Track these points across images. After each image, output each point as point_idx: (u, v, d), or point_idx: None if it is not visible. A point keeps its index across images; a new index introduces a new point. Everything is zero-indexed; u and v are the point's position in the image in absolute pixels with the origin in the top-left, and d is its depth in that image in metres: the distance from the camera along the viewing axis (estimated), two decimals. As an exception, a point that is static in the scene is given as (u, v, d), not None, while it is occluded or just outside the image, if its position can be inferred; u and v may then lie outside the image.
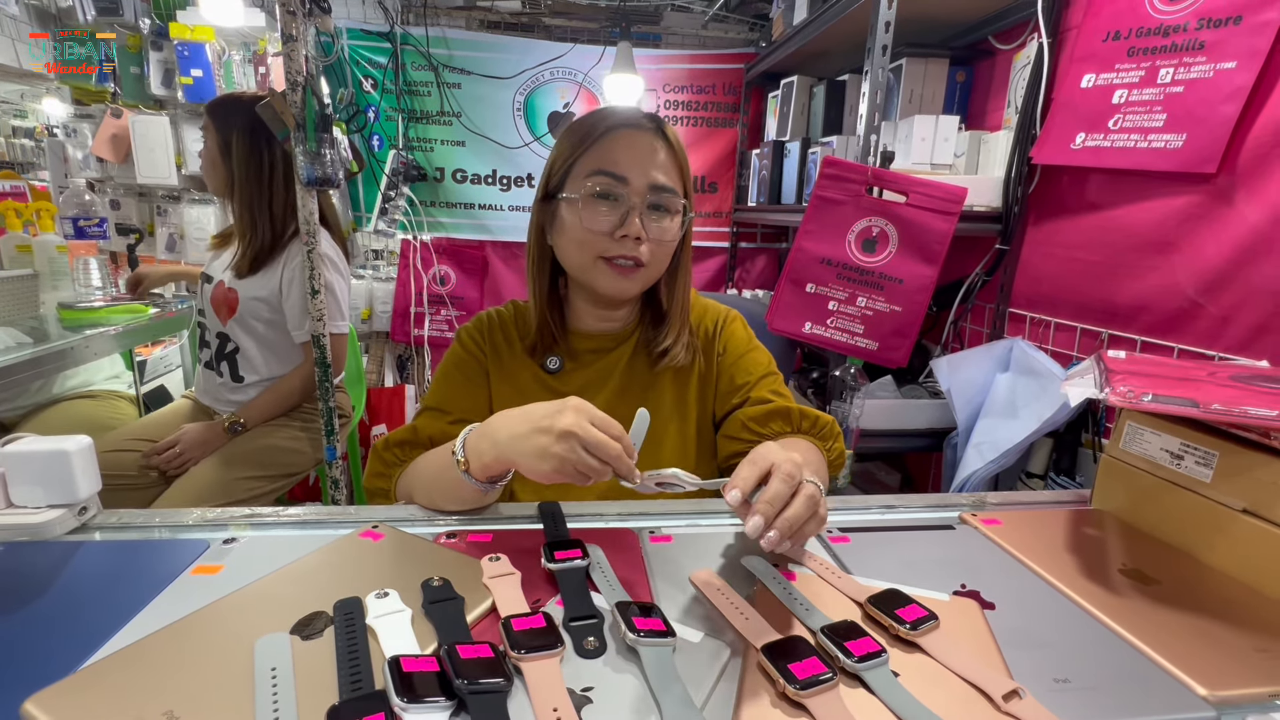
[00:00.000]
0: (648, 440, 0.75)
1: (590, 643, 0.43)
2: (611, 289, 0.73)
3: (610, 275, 0.71)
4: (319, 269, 1.35)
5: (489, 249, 2.33)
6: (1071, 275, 1.23)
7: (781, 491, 0.48)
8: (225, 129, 1.33)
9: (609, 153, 0.70)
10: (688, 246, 0.79)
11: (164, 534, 0.59)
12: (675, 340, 0.78)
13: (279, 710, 0.36)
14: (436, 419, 0.74)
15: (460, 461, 0.59)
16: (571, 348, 0.80)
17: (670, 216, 0.72)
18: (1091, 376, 0.69)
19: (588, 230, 0.70)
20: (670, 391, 0.79)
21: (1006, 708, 0.39)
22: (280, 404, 1.43)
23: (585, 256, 0.71)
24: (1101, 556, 0.61)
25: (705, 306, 0.85)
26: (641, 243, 0.70)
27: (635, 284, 0.73)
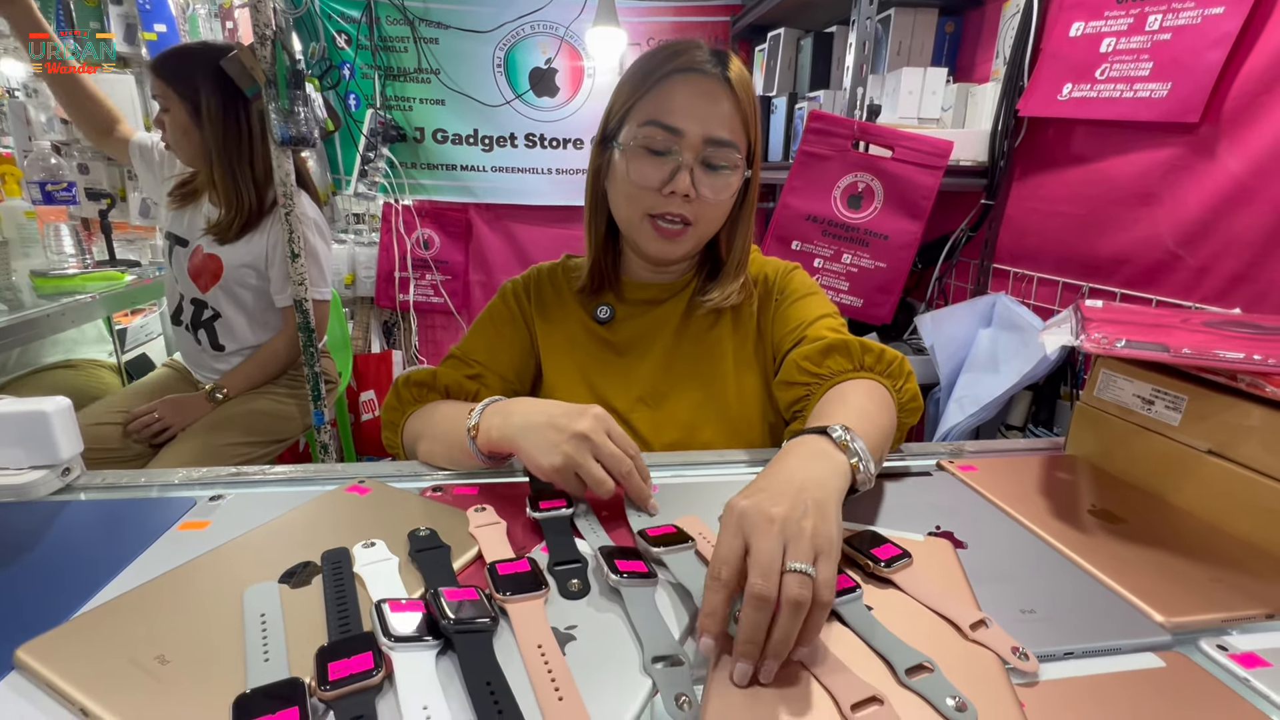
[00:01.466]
0: (712, 400, 0.74)
1: (574, 585, 0.45)
2: (656, 251, 0.70)
3: (654, 238, 0.68)
4: (299, 231, 1.33)
5: (472, 212, 2.29)
6: (1054, 229, 1.24)
7: (756, 621, 0.36)
8: (189, 90, 1.25)
9: (666, 100, 0.65)
10: (751, 200, 0.73)
11: (150, 493, 0.59)
12: (728, 287, 0.74)
13: (269, 653, 0.37)
14: (456, 368, 0.74)
15: (471, 428, 0.59)
16: (624, 297, 0.77)
17: (727, 173, 0.67)
18: (1068, 325, 0.70)
19: (634, 185, 0.67)
20: (730, 343, 0.76)
21: (973, 636, 0.41)
22: (264, 370, 1.41)
23: (633, 212, 0.69)
24: (1072, 499, 0.63)
25: (767, 261, 0.81)
26: (691, 201, 0.66)
27: (682, 246, 0.70)
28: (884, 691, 0.36)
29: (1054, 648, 0.42)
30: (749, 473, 0.66)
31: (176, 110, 1.27)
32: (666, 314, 0.76)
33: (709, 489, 0.61)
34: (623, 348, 0.76)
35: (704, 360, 0.75)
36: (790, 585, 0.36)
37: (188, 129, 1.28)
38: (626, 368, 0.75)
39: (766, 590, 0.35)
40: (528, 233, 2.33)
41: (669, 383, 0.75)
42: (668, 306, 0.77)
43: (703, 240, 0.72)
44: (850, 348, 0.66)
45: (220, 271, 1.33)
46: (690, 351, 0.75)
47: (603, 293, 0.78)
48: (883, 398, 0.62)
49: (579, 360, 0.76)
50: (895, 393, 0.64)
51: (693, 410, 0.74)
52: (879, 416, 0.58)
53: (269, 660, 0.37)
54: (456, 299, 2.32)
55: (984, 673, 0.38)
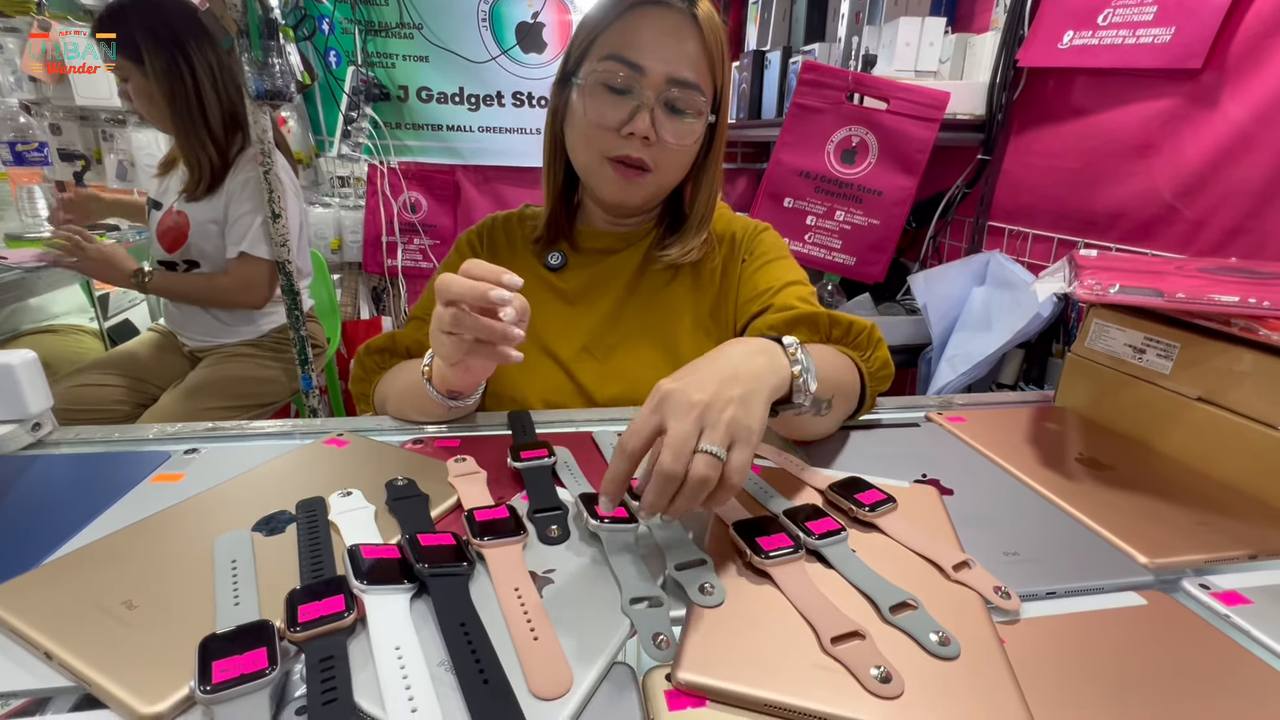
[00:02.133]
0: (661, 357, 0.71)
1: (553, 531, 0.44)
2: (612, 195, 0.67)
3: (612, 180, 0.65)
4: (278, 191, 1.29)
5: (460, 174, 2.24)
6: (1051, 184, 1.21)
7: (660, 492, 0.37)
8: (134, 52, 1.18)
9: (628, 35, 0.62)
10: (717, 150, 0.69)
11: (124, 448, 0.58)
12: (689, 243, 0.71)
13: (239, 598, 0.36)
14: (417, 328, 0.72)
15: (425, 369, 0.58)
16: (578, 245, 0.75)
17: (690, 119, 0.64)
18: (1061, 274, 0.69)
19: (592, 124, 0.63)
20: (688, 301, 0.73)
21: (956, 576, 0.41)
22: (201, 294, 1.32)
23: (590, 154, 0.65)
24: (1060, 447, 0.62)
25: (736, 218, 0.78)
26: (651, 144, 0.63)
27: (640, 191, 0.66)
28: (866, 627, 0.35)
29: (1036, 588, 0.41)
30: None
31: (134, 77, 1.21)
32: (620, 264, 0.73)
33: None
34: (572, 296, 0.73)
35: (655, 315, 0.72)
36: (698, 464, 0.36)
37: (152, 95, 1.22)
38: (574, 317, 0.72)
39: (674, 469, 0.36)
40: (517, 195, 2.28)
41: (617, 335, 0.72)
42: (622, 257, 0.74)
43: (663, 189, 0.69)
44: (818, 321, 0.63)
45: (186, 230, 1.30)
46: (641, 305, 0.73)
47: (557, 242, 0.75)
48: (846, 362, 0.59)
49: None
50: (864, 362, 0.61)
51: (640, 365, 0.71)
52: (835, 367, 0.55)
53: (239, 605, 0.36)
54: (446, 264, 2.28)
55: (966, 611, 0.38)
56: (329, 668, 0.32)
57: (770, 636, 0.35)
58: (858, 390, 0.60)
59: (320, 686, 0.31)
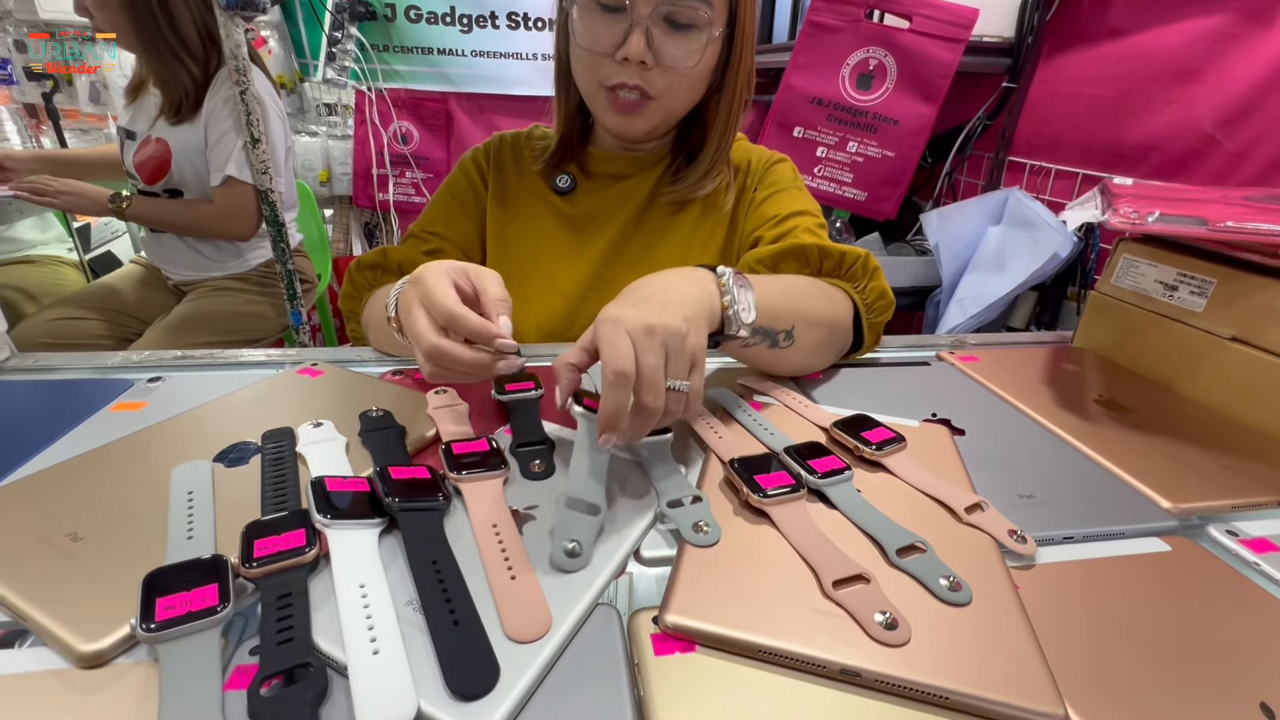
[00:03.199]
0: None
1: (537, 466, 0.41)
2: (614, 127, 0.61)
3: (611, 111, 0.59)
4: (257, 113, 1.21)
5: (452, 102, 2.12)
6: (1080, 114, 1.13)
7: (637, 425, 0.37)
8: None
9: None
10: (736, 71, 0.61)
11: (88, 375, 0.55)
12: (704, 177, 0.65)
13: (194, 532, 0.34)
14: (413, 245, 0.67)
15: (391, 317, 0.50)
16: (588, 169, 0.69)
17: (694, 33, 0.56)
18: (1093, 203, 0.63)
19: (586, 50, 0.57)
20: (695, 236, 0.68)
21: (968, 519, 0.38)
22: (183, 222, 1.25)
23: (589, 81, 0.60)
24: (1078, 388, 0.59)
25: (750, 149, 0.72)
26: (650, 68, 0.56)
27: (643, 122, 0.60)
28: (871, 570, 0.33)
29: (1053, 532, 0.39)
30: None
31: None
32: (629, 191, 0.68)
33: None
34: (579, 222, 0.69)
35: (661, 250, 0.68)
36: (671, 402, 0.38)
37: (108, 1, 1.12)
38: (580, 245, 0.68)
39: (655, 405, 0.36)
40: (513, 126, 2.16)
41: (620, 267, 0.68)
42: (632, 184, 0.69)
43: (672, 117, 0.62)
44: (807, 253, 0.59)
45: (168, 159, 1.22)
46: (646, 237, 0.68)
47: (566, 164, 0.70)
48: (825, 292, 0.55)
49: (531, 233, 0.69)
50: (859, 293, 0.58)
51: None
52: (801, 295, 0.52)
53: (193, 539, 0.33)
54: (439, 199, 2.20)
55: (978, 555, 0.35)
56: (286, 605, 0.29)
57: (767, 579, 0.33)
58: (846, 323, 0.56)
59: (275, 625, 0.28)
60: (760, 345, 0.49)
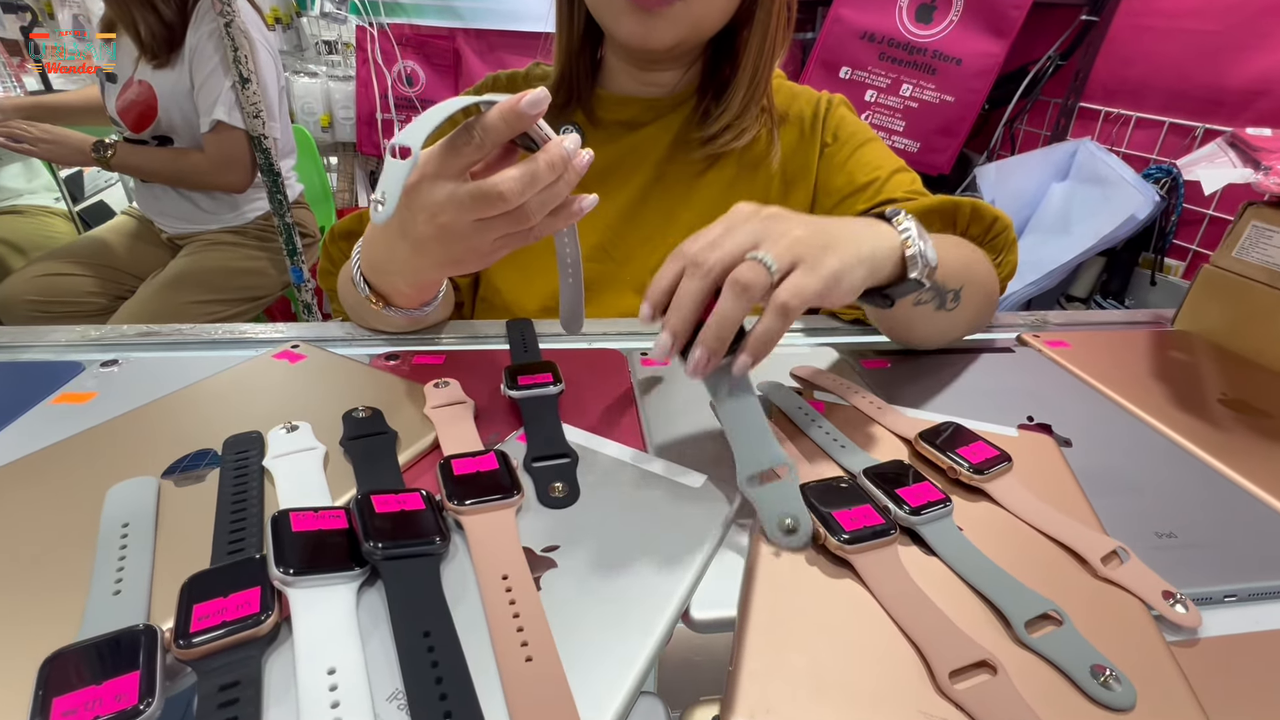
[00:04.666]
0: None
1: (558, 489, 0.33)
2: (631, 34, 0.51)
3: (629, 14, 0.50)
4: (245, 49, 1.10)
5: (460, 39, 1.97)
6: (1172, 53, 0.99)
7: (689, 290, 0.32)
8: None
9: None
10: None
11: (33, 355, 0.47)
12: (738, 118, 0.56)
13: (123, 582, 0.26)
14: None
15: (355, 277, 0.44)
16: (596, 116, 0.59)
17: None
18: (1226, 160, 0.52)
19: None
20: (730, 196, 0.56)
21: (1105, 572, 0.30)
22: (173, 173, 1.17)
23: None
24: (1195, 384, 0.50)
25: (795, 90, 0.62)
26: None
27: (669, 27, 0.50)
28: (995, 653, 0.25)
29: (1209, 588, 0.31)
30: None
31: None
32: (648, 140, 0.58)
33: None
34: (587, 181, 0.58)
35: (688, 212, 0.58)
36: (742, 268, 0.31)
37: None
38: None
39: (704, 257, 0.32)
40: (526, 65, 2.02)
41: (639, 235, 0.58)
42: (650, 132, 0.58)
43: (699, 28, 0.52)
44: (959, 210, 0.52)
45: (153, 104, 1.12)
46: (668, 198, 0.58)
47: (570, 109, 0.59)
48: (981, 256, 0.51)
49: None
50: (996, 266, 0.53)
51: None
52: (967, 256, 0.48)
53: (120, 594, 0.26)
54: (448, 147, 2.08)
55: (1128, 628, 0.27)
56: (230, 699, 0.22)
57: (858, 663, 0.25)
58: (995, 295, 0.52)
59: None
60: (929, 305, 0.45)
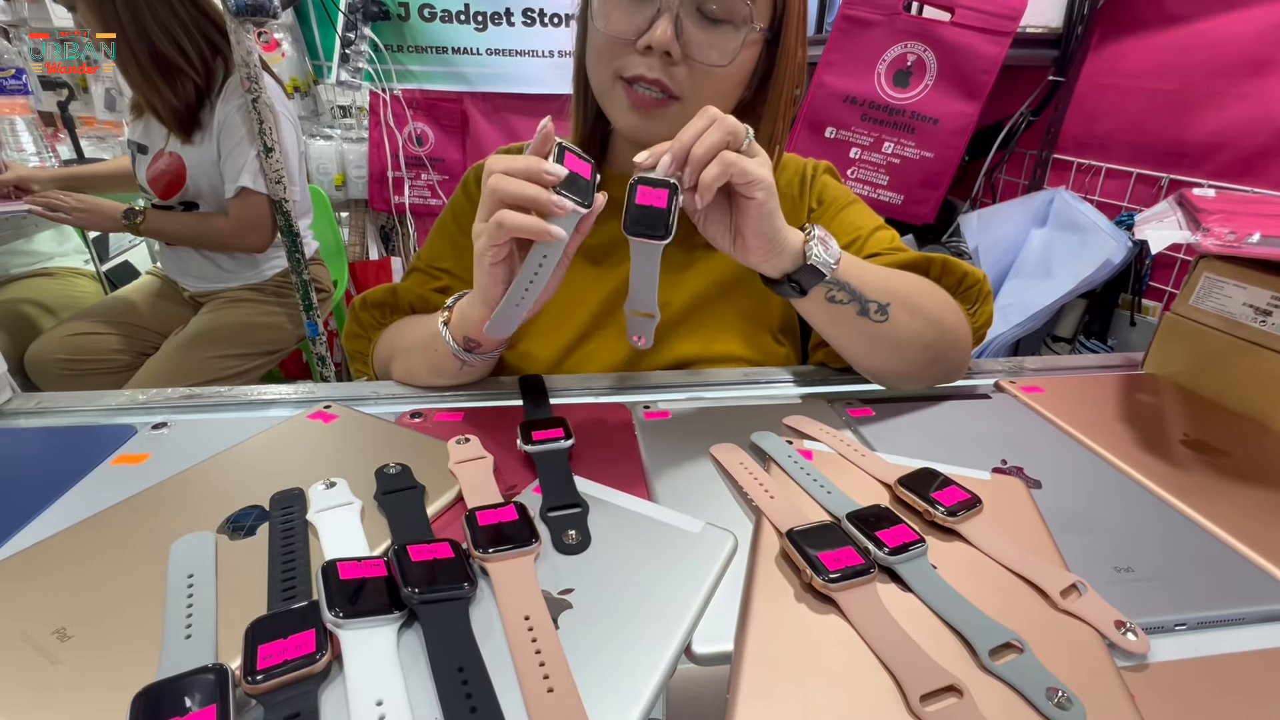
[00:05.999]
0: (703, 316, 0.62)
1: (571, 536, 0.37)
2: (628, 126, 0.54)
3: (626, 107, 0.53)
4: (269, 121, 1.18)
5: (468, 102, 2.08)
6: (1135, 110, 1.06)
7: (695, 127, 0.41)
8: None
9: None
10: (780, 82, 0.55)
11: (88, 419, 0.52)
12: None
13: (192, 626, 0.30)
14: (421, 282, 0.63)
15: (445, 313, 0.51)
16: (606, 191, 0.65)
17: (728, 29, 0.50)
18: (1173, 219, 0.57)
19: (606, 36, 0.51)
20: (728, 266, 0.62)
21: (1064, 604, 0.33)
22: (198, 236, 1.24)
23: (604, 73, 0.53)
24: (1159, 426, 0.53)
25: (785, 160, 0.66)
26: (676, 62, 0.50)
27: (662, 125, 0.52)
28: (962, 678, 0.28)
29: (1161, 617, 0.34)
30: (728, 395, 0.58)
31: (75, 2, 1.08)
32: None
33: (716, 411, 0.52)
34: (597, 253, 0.63)
35: (689, 284, 0.62)
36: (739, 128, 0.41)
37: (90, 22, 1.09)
38: (597, 277, 0.62)
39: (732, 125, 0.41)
40: (529, 127, 2.13)
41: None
42: None
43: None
44: (932, 264, 0.57)
45: (182, 174, 1.20)
46: (670, 264, 0.62)
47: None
48: (948, 300, 0.55)
49: None
50: (970, 316, 0.57)
51: (664, 342, 0.62)
52: (913, 286, 0.53)
53: (191, 637, 0.29)
54: (456, 201, 2.17)
55: (1082, 654, 0.31)
56: (294, 729, 0.26)
57: (843, 691, 0.28)
58: (960, 334, 0.55)
59: (280, 760, 0.24)
60: (849, 307, 0.49)
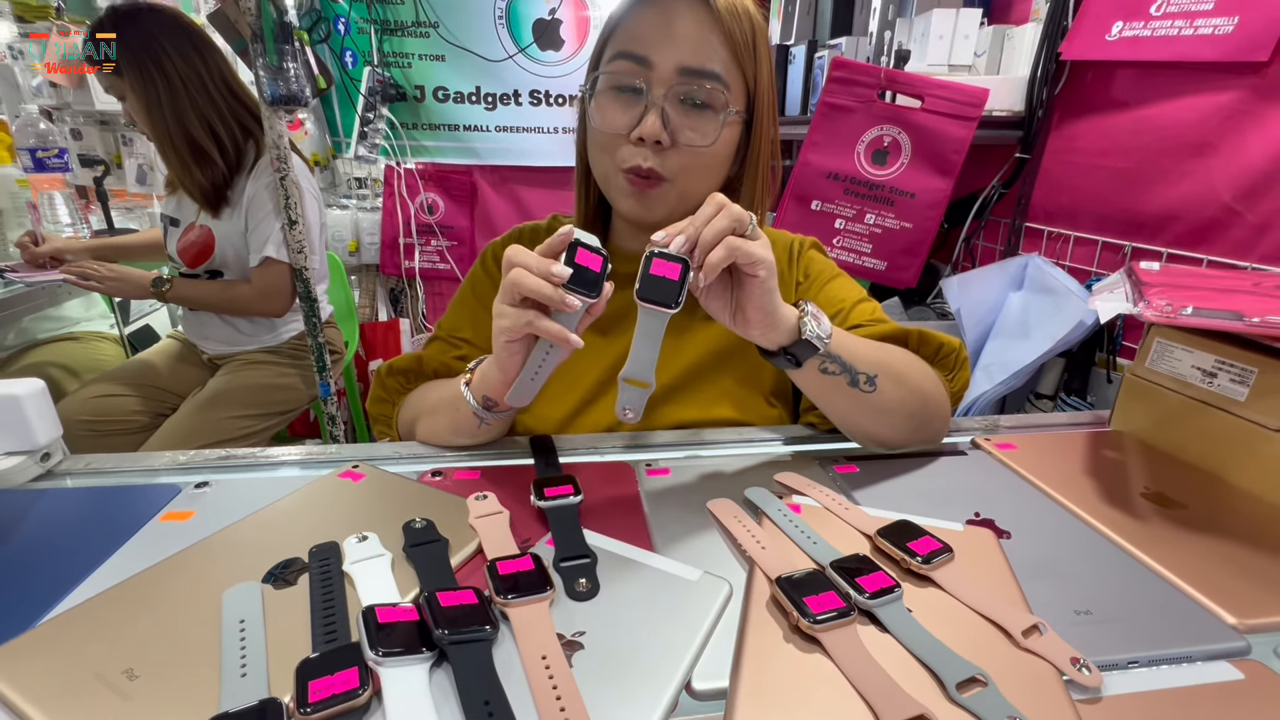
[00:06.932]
0: (701, 382, 0.67)
1: (582, 584, 0.41)
2: (629, 211, 0.60)
3: (627, 194, 0.59)
4: (295, 197, 1.27)
5: (477, 174, 2.21)
6: (1095, 184, 1.15)
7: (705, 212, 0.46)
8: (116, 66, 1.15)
9: (635, 29, 0.57)
10: (756, 154, 0.62)
11: (134, 479, 0.56)
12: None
13: (246, 665, 0.34)
14: (443, 350, 0.68)
15: (467, 375, 0.56)
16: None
17: (710, 113, 0.57)
18: (1123, 290, 0.64)
19: (603, 133, 0.58)
20: (726, 334, 0.67)
21: (1026, 643, 0.37)
22: (223, 299, 1.31)
23: (605, 165, 0.60)
24: (1122, 480, 0.58)
25: (773, 235, 0.71)
26: (665, 149, 0.57)
27: (659, 205, 0.59)
28: (932, 709, 0.32)
29: (1115, 656, 0.37)
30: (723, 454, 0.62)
31: (125, 91, 1.19)
32: None
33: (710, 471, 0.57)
34: (604, 323, 0.68)
35: (688, 348, 0.67)
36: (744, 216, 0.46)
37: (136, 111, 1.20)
38: (604, 345, 0.68)
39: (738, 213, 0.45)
40: (534, 196, 2.26)
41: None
42: None
43: (688, 201, 0.60)
44: (909, 337, 0.62)
45: (211, 245, 1.28)
46: (680, 332, 0.68)
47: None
48: (928, 370, 0.59)
49: None
50: (947, 382, 0.62)
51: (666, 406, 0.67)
52: (898, 358, 0.57)
53: (246, 675, 0.33)
54: (463, 265, 2.27)
55: (1040, 688, 0.34)
56: (341, 756, 0.29)
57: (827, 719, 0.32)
58: (941, 402, 0.59)
59: (331, 782, 0.28)
60: (841, 378, 0.53)
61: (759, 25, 0.60)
